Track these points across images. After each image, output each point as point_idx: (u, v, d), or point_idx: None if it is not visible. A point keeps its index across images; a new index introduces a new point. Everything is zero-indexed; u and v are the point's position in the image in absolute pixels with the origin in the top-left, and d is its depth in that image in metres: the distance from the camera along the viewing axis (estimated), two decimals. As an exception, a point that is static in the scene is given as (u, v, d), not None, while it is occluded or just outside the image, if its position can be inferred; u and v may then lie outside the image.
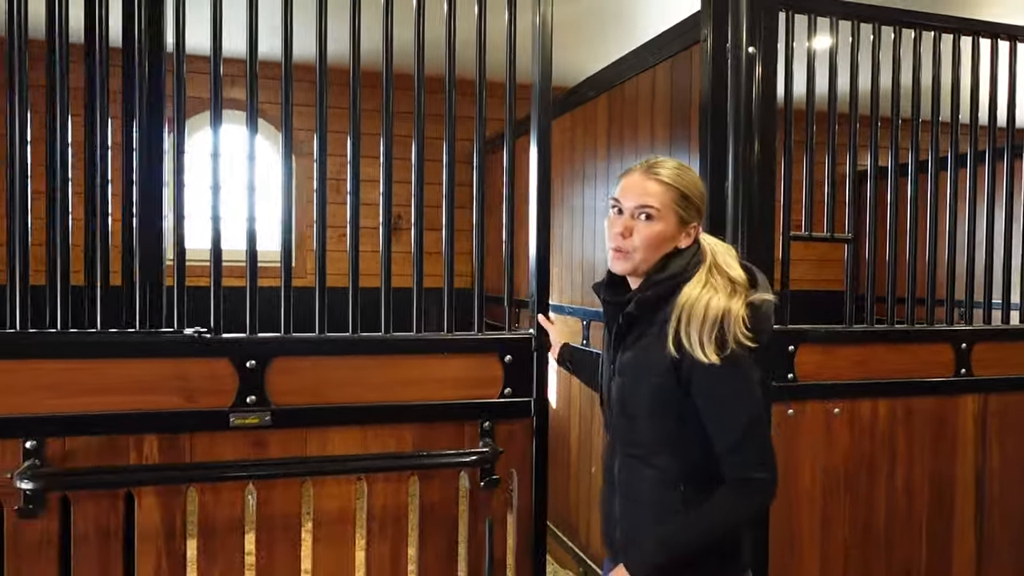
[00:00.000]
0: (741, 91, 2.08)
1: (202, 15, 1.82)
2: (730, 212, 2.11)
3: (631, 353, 1.43)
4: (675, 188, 1.39)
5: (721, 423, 1.34)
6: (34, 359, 1.68)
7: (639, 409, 1.41)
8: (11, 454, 1.67)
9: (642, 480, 1.43)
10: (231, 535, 1.80)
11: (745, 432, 1.33)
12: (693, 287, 1.35)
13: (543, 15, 1.95)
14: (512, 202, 1.99)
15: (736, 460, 1.34)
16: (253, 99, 1.83)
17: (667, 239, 1.40)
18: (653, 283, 1.39)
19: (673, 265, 1.40)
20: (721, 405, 1.34)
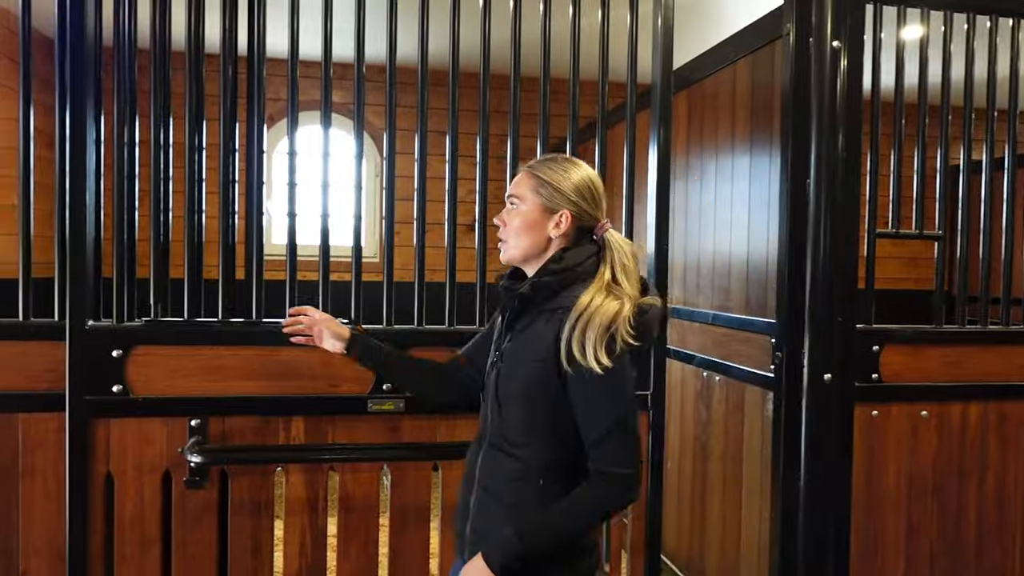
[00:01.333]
0: (825, 86, 2.24)
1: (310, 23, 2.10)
2: (812, 209, 2.29)
3: (516, 340, 1.52)
4: (536, 176, 1.52)
5: (591, 411, 1.43)
6: (198, 346, 1.96)
7: (513, 393, 1.49)
8: (179, 431, 1.97)
9: (504, 472, 1.51)
10: (368, 513, 2.09)
11: (611, 427, 1.42)
12: (591, 293, 1.44)
13: (665, 10, 2.14)
14: (632, 200, 2.27)
15: (599, 454, 1.43)
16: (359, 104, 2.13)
17: (532, 224, 1.51)
18: (549, 271, 1.49)
19: (569, 257, 1.49)
20: (594, 400, 1.43)
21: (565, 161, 1.57)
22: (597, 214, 1.54)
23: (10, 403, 1.92)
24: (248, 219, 2.05)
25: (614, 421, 1.43)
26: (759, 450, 2.69)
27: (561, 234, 1.52)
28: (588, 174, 1.55)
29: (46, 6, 1.92)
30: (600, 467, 1.44)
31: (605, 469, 1.44)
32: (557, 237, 1.52)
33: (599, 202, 1.55)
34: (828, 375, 2.34)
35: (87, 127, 1.91)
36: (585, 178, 1.54)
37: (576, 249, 1.52)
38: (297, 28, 2.06)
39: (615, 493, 1.45)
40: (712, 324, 3.02)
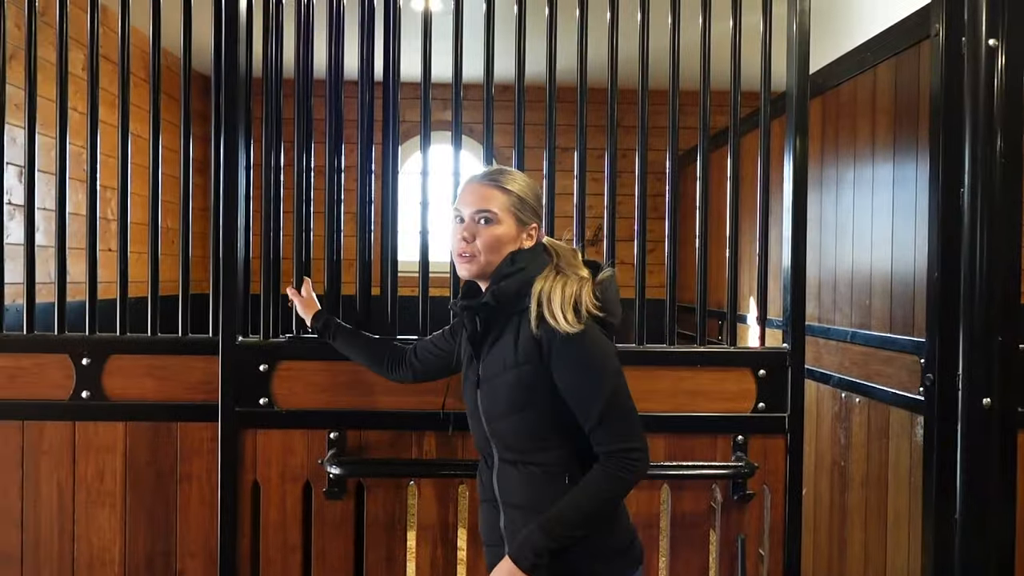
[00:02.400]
0: (980, 87, 2.11)
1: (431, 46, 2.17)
2: (967, 216, 2.14)
3: (494, 352, 1.53)
4: (512, 192, 1.55)
5: (583, 396, 1.44)
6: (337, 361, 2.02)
7: (507, 407, 1.50)
8: (318, 442, 2.08)
9: (524, 482, 1.51)
10: (496, 530, 2.13)
11: (608, 402, 1.43)
12: (544, 280, 1.50)
13: (800, 16, 2.08)
14: (767, 212, 2.20)
15: (601, 436, 1.44)
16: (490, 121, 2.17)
17: (508, 241, 1.54)
18: (504, 275, 1.52)
19: (520, 259, 1.53)
20: (581, 376, 1.44)
21: (516, 173, 1.60)
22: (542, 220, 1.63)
23: (170, 413, 2.09)
24: (383, 238, 2.14)
25: (605, 401, 1.44)
26: (907, 477, 2.53)
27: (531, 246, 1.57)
28: (533, 181, 1.63)
29: (202, 45, 2.09)
30: (605, 448, 1.45)
31: (610, 448, 1.45)
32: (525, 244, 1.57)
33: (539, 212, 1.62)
34: (987, 400, 2.17)
35: (238, 155, 2.05)
36: (537, 190, 1.61)
37: (524, 252, 1.55)
38: (429, 53, 2.14)
39: (627, 467, 1.44)
40: (851, 342, 2.87)
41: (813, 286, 3.20)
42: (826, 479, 3.07)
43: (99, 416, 2.08)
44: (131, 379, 2.09)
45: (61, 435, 2.08)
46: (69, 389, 2.08)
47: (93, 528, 2.10)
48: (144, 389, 2.09)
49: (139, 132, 2.14)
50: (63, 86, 2.09)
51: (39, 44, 2.12)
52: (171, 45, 2.21)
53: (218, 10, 2.05)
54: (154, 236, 2.11)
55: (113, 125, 2.20)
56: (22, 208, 2.45)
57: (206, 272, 2.10)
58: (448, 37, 2.14)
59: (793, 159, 2.12)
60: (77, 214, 2.93)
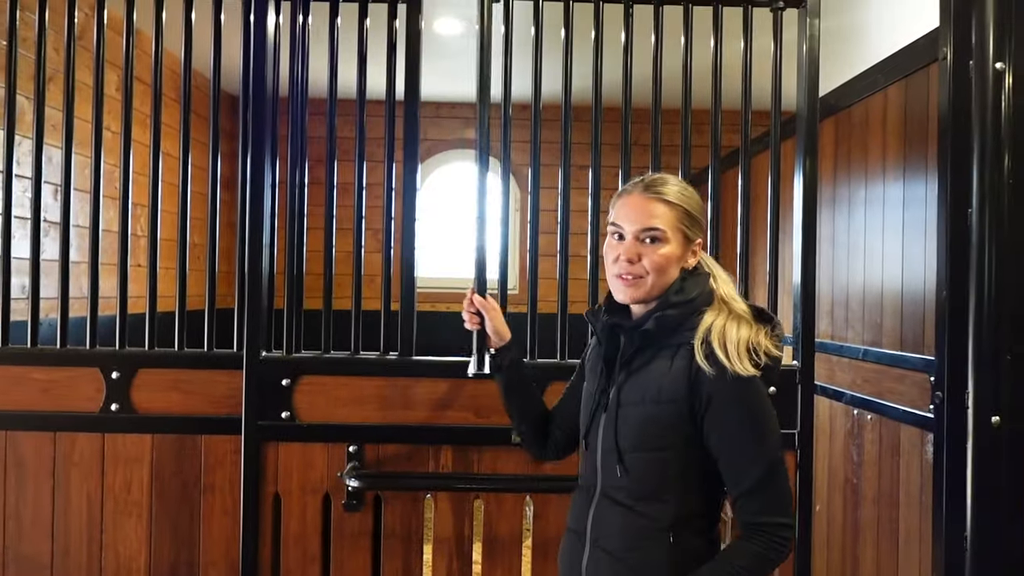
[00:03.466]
0: (988, 110, 2.15)
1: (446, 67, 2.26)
2: (975, 236, 2.17)
3: (635, 379, 1.40)
4: (679, 206, 1.42)
5: (743, 452, 1.30)
6: (357, 376, 2.13)
7: (638, 442, 1.37)
8: (338, 456, 2.14)
9: (623, 529, 1.38)
10: (511, 543, 2.18)
11: (765, 473, 1.29)
12: (717, 314, 1.37)
13: (810, 40, 2.15)
14: (776, 231, 2.26)
15: (756, 502, 1.30)
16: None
17: (675, 260, 1.41)
18: (672, 304, 1.39)
19: (690, 287, 1.40)
20: (745, 430, 1.29)
21: (675, 180, 1.47)
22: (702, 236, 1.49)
23: (195, 426, 2.16)
24: (404, 255, 2.21)
25: (768, 465, 1.30)
26: (917, 495, 2.56)
27: (694, 263, 1.47)
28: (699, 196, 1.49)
29: (231, 66, 2.18)
30: (755, 519, 1.31)
31: (761, 520, 1.30)
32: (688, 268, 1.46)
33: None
34: (996, 418, 2.21)
35: (264, 173, 2.14)
36: (697, 195, 1.48)
37: (693, 278, 1.44)
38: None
39: (775, 546, 1.30)
40: (863, 360, 2.91)
41: (826, 304, 3.25)
42: (839, 496, 3.11)
43: (127, 428, 2.16)
44: (158, 392, 2.17)
45: (91, 446, 2.16)
46: (99, 402, 2.16)
47: (120, 537, 2.17)
48: (170, 402, 2.17)
49: (169, 151, 2.24)
50: (98, 107, 2.19)
51: (76, 67, 2.22)
52: (201, 66, 2.31)
53: (247, 32, 2.15)
54: (182, 252, 2.20)
55: (145, 144, 2.30)
56: (56, 225, 2.55)
57: (231, 287, 2.18)
58: (462, 57, 2.23)
59: (803, 179, 2.19)
60: (109, 231, 3.03)
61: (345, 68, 2.22)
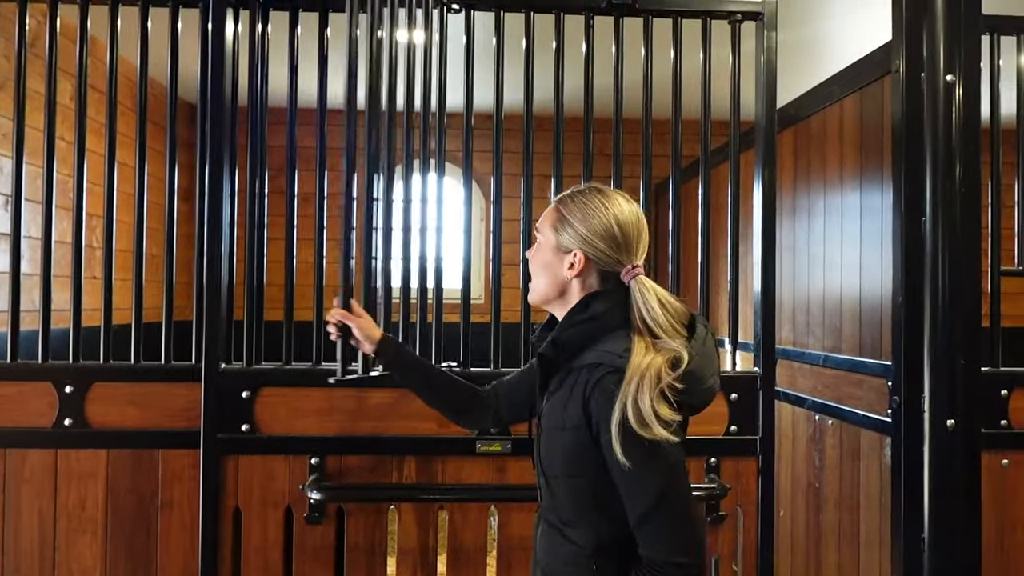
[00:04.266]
0: (939, 121, 2.20)
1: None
2: (928, 246, 2.22)
3: (550, 404, 1.37)
4: (555, 209, 1.41)
5: (632, 488, 1.25)
6: (320, 387, 2.10)
7: (555, 468, 1.35)
8: (300, 468, 2.11)
9: (558, 555, 1.36)
10: (476, 553, 2.16)
11: (655, 502, 1.23)
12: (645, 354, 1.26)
13: (767, 52, 2.19)
14: (737, 240, 2.29)
15: (645, 536, 1.25)
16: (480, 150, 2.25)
17: (547, 264, 1.39)
18: (573, 323, 1.34)
19: (595, 306, 1.34)
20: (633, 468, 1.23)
21: (595, 195, 1.39)
22: (622, 258, 1.36)
23: (152, 440, 2.12)
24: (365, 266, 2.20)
25: (658, 494, 1.23)
26: (877, 498, 2.61)
27: (576, 276, 1.38)
28: (615, 215, 1.36)
29: (187, 74, 2.15)
30: (650, 553, 1.25)
31: (656, 557, 1.24)
32: (575, 280, 1.38)
33: (626, 246, 1.36)
34: (951, 421, 2.25)
35: (223, 183, 2.11)
36: (609, 219, 1.36)
37: (603, 297, 1.36)
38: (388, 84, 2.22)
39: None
40: (823, 366, 2.96)
41: (787, 310, 3.30)
42: (802, 500, 3.15)
43: (81, 444, 2.11)
44: (114, 407, 2.12)
45: (43, 462, 2.11)
46: (52, 417, 2.11)
47: (74, 555, 2.12)
48: (126, 416, 2.12)
49: (124, 160, 2.20)
50: (51, 115, 2.14)
51: (28, 75, 2.17)
52: (158, 74, 2.27)
53: (204, 39, 2.12)
54: (139, 263, 2.16)
55: (99, 153, 2.25)
56: (7, 236, 2.49)
57: (190, 299, 2.15)
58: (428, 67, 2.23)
59: (762, 189, 2.22)
60: (61, 242, 2.97)
61: (305, 78, 2.21)
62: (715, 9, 2.21)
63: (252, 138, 2.18)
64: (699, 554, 1.25)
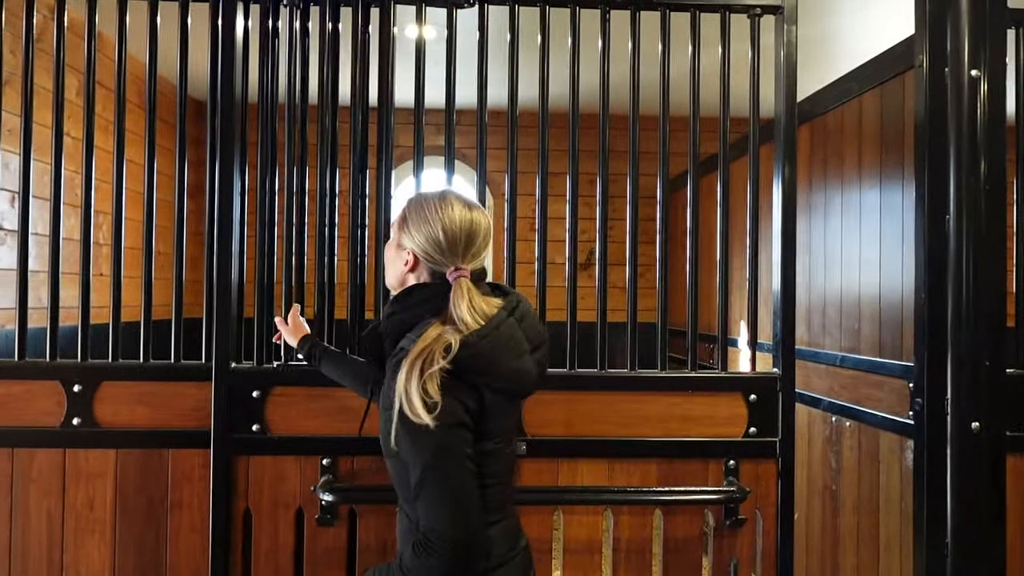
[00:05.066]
0: (963, 116, 2.14)
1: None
2: (952, 242, 2.17)
3: (383, 386, 1.44)
4: (402, 210, 1.51)
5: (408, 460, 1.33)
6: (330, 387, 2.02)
7: (386, 448, 1.41)
8: (311, 470, 2.07)
9: (400, 529, 1.47)
10: (489, 557, 2.12)
11: (421, 475, 1.29)
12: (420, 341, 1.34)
13: (788, 46, 2.13)
14: (757, 237, 2.23)
15: (418, 508, 1.31)
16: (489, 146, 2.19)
17: (391, 258, 1.52)
18: (389, 313, 1.46)
19: (409, 298, 1.45)
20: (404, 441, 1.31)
21: (433, 201, 1.46)
22: (447, 261, 1.44)
23: (162, 440, 2.07)
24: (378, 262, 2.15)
25: (423, 466, 1.29)
26: (898, 501, 2.54)
27: (409, 271, 1.47)
28: (445, 221, 1.43)
29: (197, 71, 2.11)
30: (420, 521, 1.31)
31: (422, 524, 1.30)
32: (410, 275, 1.48)
33: (451, 250, 1.43)
34: (976, 423, 2.19)
35: (233, 180, 2.06)
36: (437, 226, 1.43)
37: (418, 289, 1.45)
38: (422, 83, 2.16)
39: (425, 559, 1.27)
40: (840, 366, 2.90)
41: (802, 310, 3.23)
42: (818, 503, 3.08)
43: (90, 443, 2.07)
44: (123, 406, 2.08)
45: (51, 462, 2.06)
46: (60, 416, 2.06)
47: (82, 557, 2.07)
48: (136, 416, 2.08)
49: (131, 157, 2.15)
50: (58, 111, 2.10)
51: (35, 71, 2.13)
52: (166, 70, 2.23)
53: (214, 36, 2.08)
54: (148, 261, 2.11)
55: (107, 151, 2.21)
56: (12, 233, 2.45)
57: (199, 296, 2.11)
58: (440, 64, 2.17)
59: (782, 186, 2.16)
60: (69, 239, 2.93)
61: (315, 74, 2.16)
62: (734, 3, 2.15)
63: (262, 134, 2.13)
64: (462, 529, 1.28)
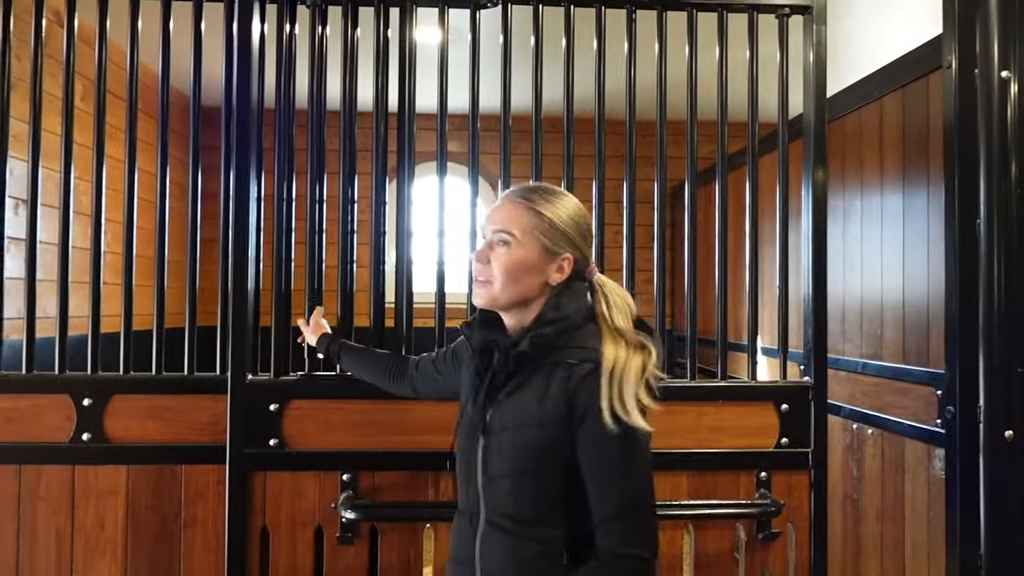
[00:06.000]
0: (994, 119, 2.07)
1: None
2: (983, 247, 2.09)
3: (513, 401, 1.31)
4: (534, 211, 1.33)
5: (607, 488, 1.24)
6: (350, 399, 1.96)
7: (521, 466, 1.28)
8: (331, 485, 1.96)
9: (515, 557, 1.29)
10: (515, 574, 2.02)
11: (631, 503, 1.23)
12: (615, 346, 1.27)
13: (817, 47, 2.06)
14: (787, 241, 2.15)
15: (611, 531, 1.23)
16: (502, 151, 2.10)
17: (528, 269, 1.32)
18: (547, 321, 1.31)
19: (565, 303, 1.32)
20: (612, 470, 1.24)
21: (559, 193, 1.38)
22: (587, 256, 1.38)
23: (175, 455, 1.97)
24: (398, 269, 2.05)
25: (635, 496, 1.23)
26: (925, 511, 2.45)
27: (562, 277, 1.35)
28: (582, 208, 1.39)
29: (212, 79, 2.02)
30: (612, 546, 1.22)
31: (619, 550, 1.22)
32: (554, 281, 1.35)
33: (589, 246, 1.39)
34: (1010, 432, 2.11)
35: (249, 187, 1.97)
36: (582, 214, 1.38)
37: (569, 294, 1.34)
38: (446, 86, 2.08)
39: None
40: (861, 373, 2.81)
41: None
42: (839, 512, 2.99)
43: (100, 459, 1.96)
44: (134, 420, 1.97)
45: (60, 479, 1.96)
46: (69, 431, 1.96)
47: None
48: (148, 431, 1.98)
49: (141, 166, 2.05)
50: (68, 118, 2.00)
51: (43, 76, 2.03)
52: (178, 80, 2.13)
53: (229, 41, 1.99)
54: (160, 269, 2.01)
55: (116, 159, 2.12)
56: (18, 241, 2.35)
57: (213, 304, 2.01)
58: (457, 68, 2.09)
59: (813, 189, 2.08)
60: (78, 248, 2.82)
61: (333, 79, 2.07)
62: (762, 3, 2.07)
63: (279, 140, 2.04)
64: (656, 548, 1.26)
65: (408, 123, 2.06)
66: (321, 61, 2.07)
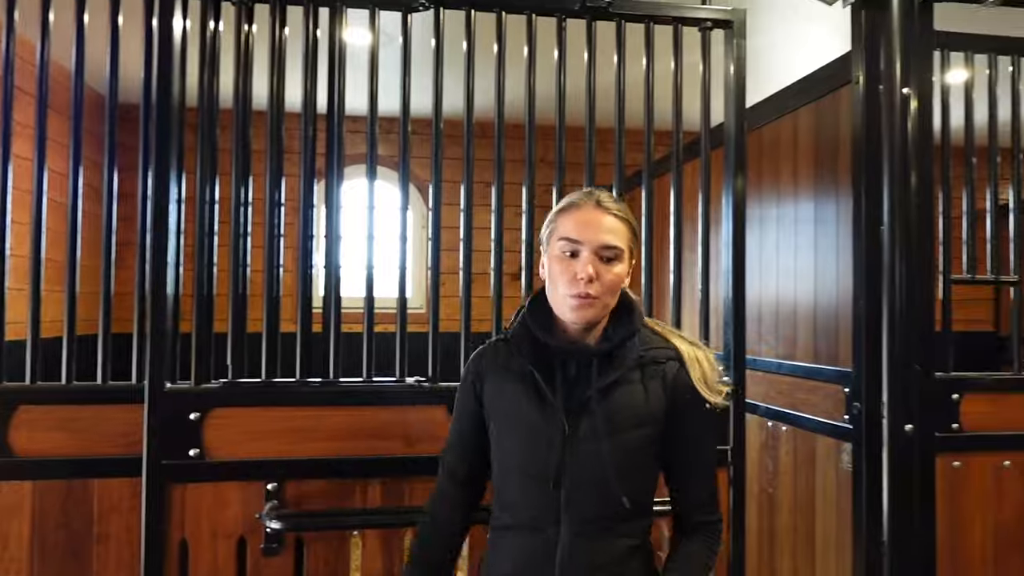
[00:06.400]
0: (895, 132, 2.18)
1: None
2: (886, 256, 2.19)
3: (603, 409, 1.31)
4: (630, 224, 1.36)
5: (702, 469, 1.41)
6: (275, 407, 1.90)
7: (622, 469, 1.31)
8: (255, 495, 1.90)
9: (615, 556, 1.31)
10: (445, 578, 2.00)
11: (714, 476, 1.44)
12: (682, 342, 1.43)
13: (737, 61, 2.12)
14: (707, 247, 2.21)
15: (710, 506, 1.42)
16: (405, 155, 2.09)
17: (623, 281, 1.37)
18: (624, 324, 1.37)
19: (635, 308, 1.42)
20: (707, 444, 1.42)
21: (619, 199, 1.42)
22: None
23: (86, 469, 1.86)
24: (328, 275, 2.01)
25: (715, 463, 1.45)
26: (834, 503, 2.57)
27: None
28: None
29: (130, 74, 1.92)
30: (708, 518, 1.42)
31: (713, 519, 1.43)
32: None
33: None
34: (909, 426, 2.23)
35: (168, 189, 1.88)
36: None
37: (628, 297, 1.43)
38: (376, 88, 2.04)
39: (719, 538, 1.43)
40: (776, 373, 2.92)
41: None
42: (755, 506, 3.10)
43: (3, 475, 1.83)
44: (42, 432, 1.86)
45: (-42, 498, 1.82)
46: (-32, 446, 1.83)
47: (-6, 601, 1.84)
48: (56, 443, 1.86)
49: (52, 166, 1.93)
50: (-33, 111, 1.87)
51: (-60, 66, 1.89)
52: (90, 77, 2.02)
53: (149, 36, 1.90)
54: (72, 274, 1.90)
55: (24, 157, 1.99)
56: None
57: (129, 310, 1.91)
58: (387, 70, 2.06)
59: (733, 196, 2.14)
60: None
61: (259, 78, 2.00)
62: (686, 16, 2.12)
63: (201, 140, 1.96)
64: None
65: (338, 125, 2.01)
66: (247, 59, 2.00)
